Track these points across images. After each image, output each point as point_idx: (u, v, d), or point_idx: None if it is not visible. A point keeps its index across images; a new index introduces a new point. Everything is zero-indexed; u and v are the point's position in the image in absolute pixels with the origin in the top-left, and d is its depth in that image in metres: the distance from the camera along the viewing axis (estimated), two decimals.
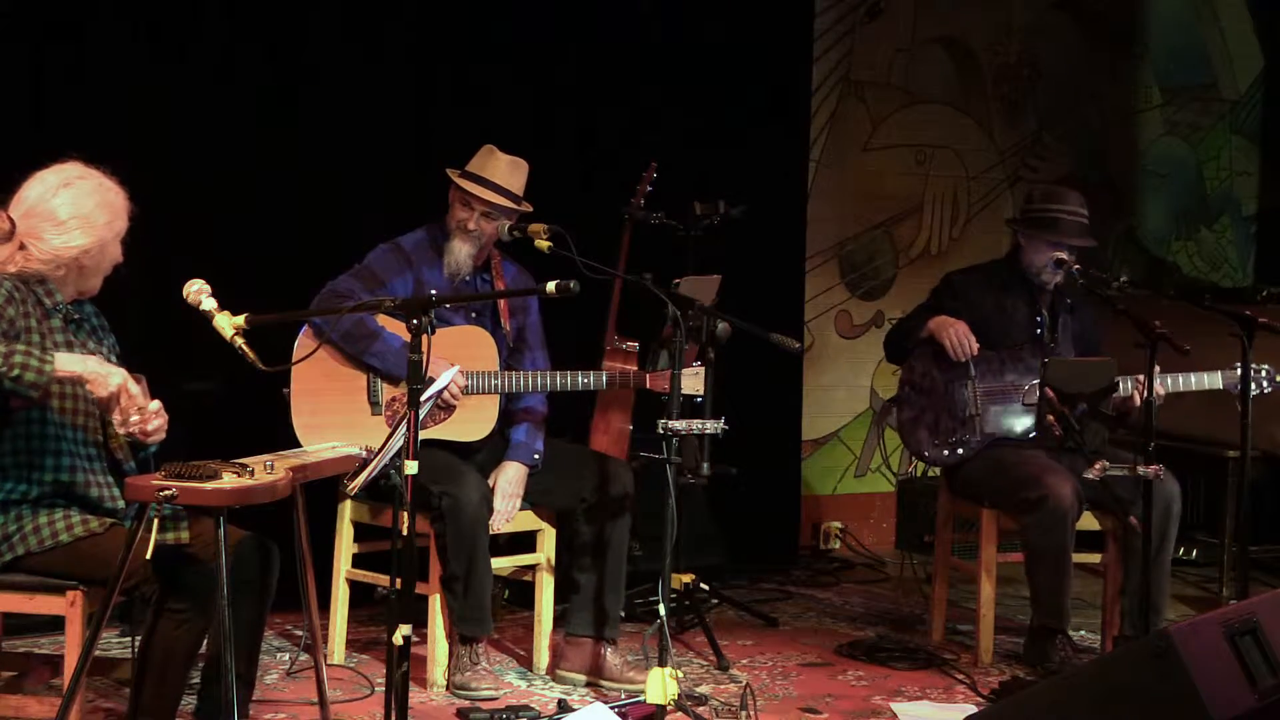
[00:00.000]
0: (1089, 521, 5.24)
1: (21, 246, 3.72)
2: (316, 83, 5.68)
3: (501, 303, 4.93)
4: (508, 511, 4.82)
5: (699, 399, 4.80)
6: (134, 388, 3.57)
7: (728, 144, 6.56)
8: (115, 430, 3.70)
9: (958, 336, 5.21)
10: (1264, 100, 8.33)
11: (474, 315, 4.90)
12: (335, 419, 4.65)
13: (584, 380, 4.83)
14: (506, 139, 4.92)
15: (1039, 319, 5.35)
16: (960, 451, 5.24)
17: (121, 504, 3.75)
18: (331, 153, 5.64)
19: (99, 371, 3.55)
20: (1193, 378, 5.13)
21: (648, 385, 4.87)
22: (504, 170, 4.82)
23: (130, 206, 3.83)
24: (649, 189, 5.63)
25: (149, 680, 3.70)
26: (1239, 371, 4.85)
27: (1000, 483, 5.16)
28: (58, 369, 3.49)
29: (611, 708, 4.20)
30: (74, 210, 3.71)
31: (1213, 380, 5.15)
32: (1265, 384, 5.09)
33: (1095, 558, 5.40)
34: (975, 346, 5.21)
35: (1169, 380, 5.07)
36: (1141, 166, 8.16)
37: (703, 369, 4.75)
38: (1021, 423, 5.23)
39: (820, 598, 6.27)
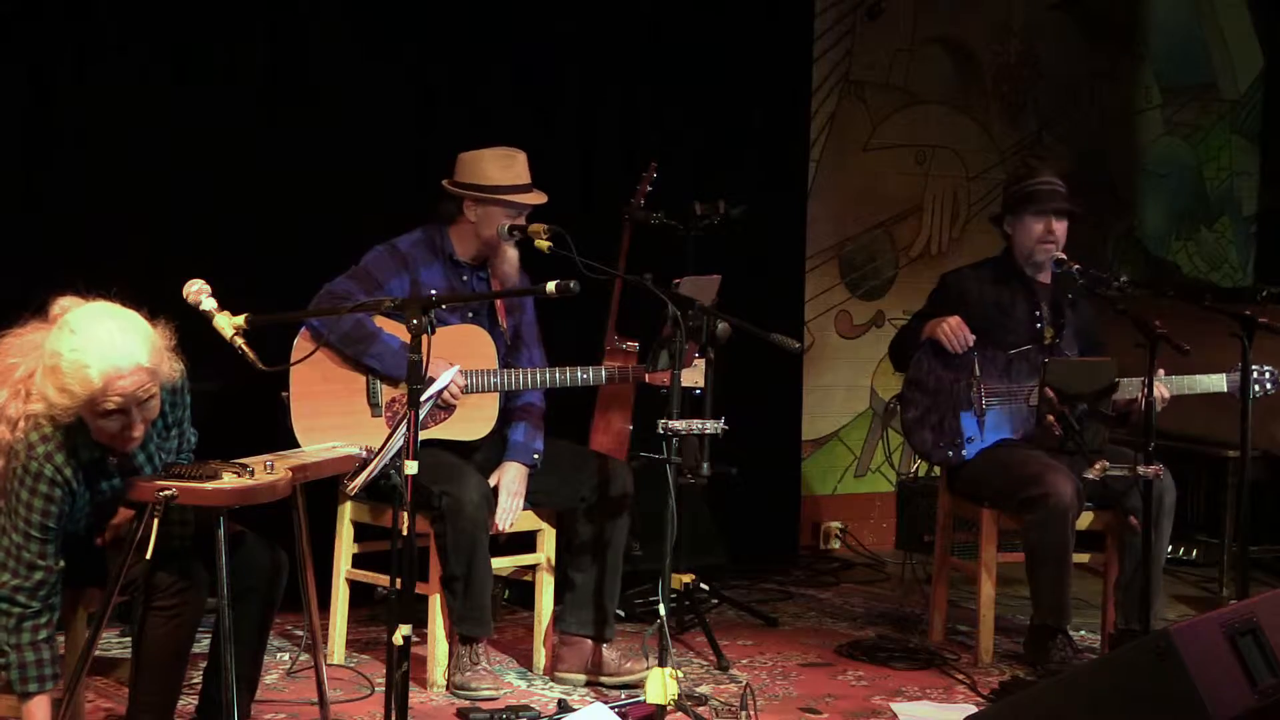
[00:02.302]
0: (1089, 521, 5.24)
1: (28, 396, 3.48)
2: (316, 83, 5.68)
3: (498, 300, 4.94)
4: (512, 511, 4.82)
5: (698, 391, 4.80)
6: None
7: (728, 144, 6.57)
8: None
9: (951, 330, 5.21)
10: (1264, 100, 8.32)
11: (471, 314, 4.90)
12: (335, 421, 4.64)
13: (583, 376, 4.84)
14: (506, 139, 4.92)
15: (1038, 314, 5.35)
16: (965, 452, 5.25)
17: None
18: (331, 153, 5.64)
19: None
20: (1198, 381, 5.13)
21: (646, 380, 4.87)
22: (525, 165, 4.85)
23: (107, 392, 3.41)
24: (649, 189, 5.63)
25: (144, 679, 3.70)
26: (1250, 374, 4.88)
27: (1001, 482, 5.16)
28: (28, 706, 3.51)
29: (611, 708, 4.20)
30: (53, 367, 3.41)
31: (1217, 384, 5.15)
32: (1269, 384, 5.09)
33: (1099, 558, 5.39)
34: (970, 337, 5.21)
35: (1172, 383, 5.06)
36: (1141, 166, 8.16)
37: (703, 361, 4.75)
38: (1026, 424, 5.23)
39: (820, 598, 6.27)
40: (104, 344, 3.41)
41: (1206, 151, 8.29)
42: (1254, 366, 4.89)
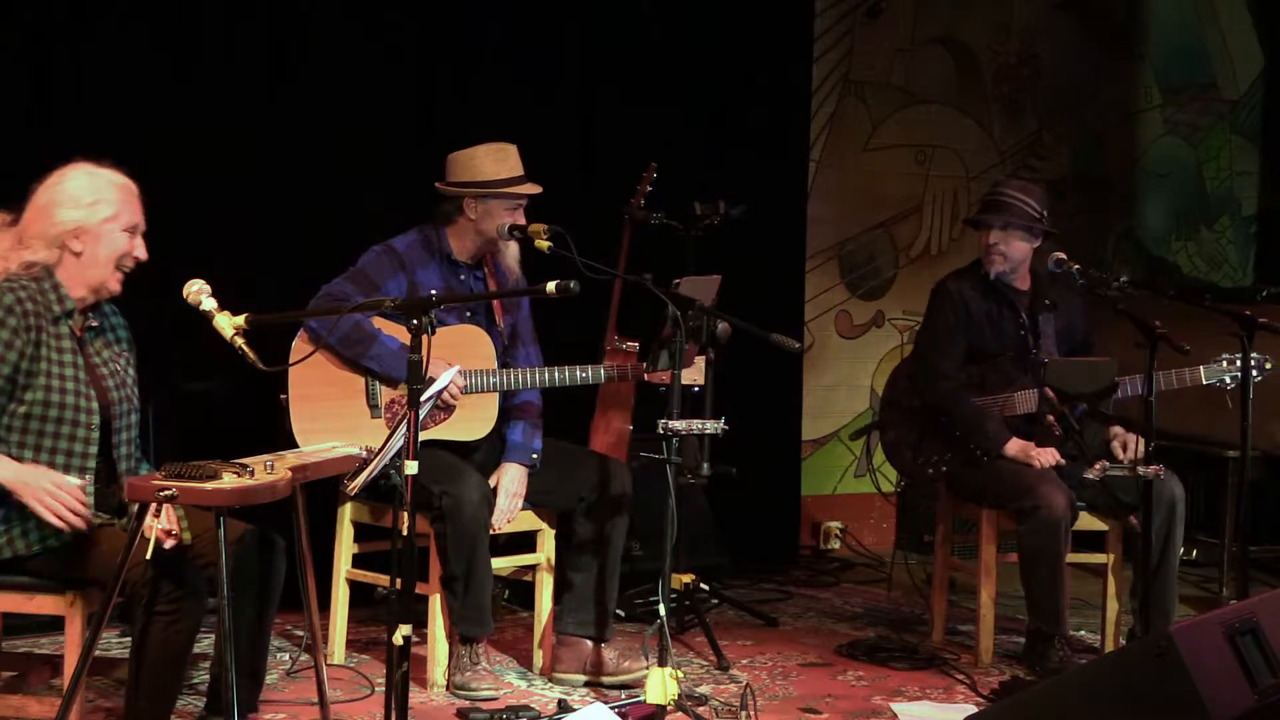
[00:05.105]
0: (1092, 522, 5.24)
1: (21, 242, 3.77)
2: (316, 83, 5.68)
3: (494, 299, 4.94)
4: (510, 511, 4.82)
5: (697, 388, 4.79)
6: (70, 482, 3.66)
7: (728, 144, 6.56)
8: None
9: (1046, 459, 5.13)
10: (1264, 100, 8.32)
11: (469, 314, 4.90)
12: (334, 424, 4.63)
13: (582, 375, 4.84)
14: (506, 139, 4.92)
15: (1022, 322, 5.32)
16: (945, 469, 5.26)
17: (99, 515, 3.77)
18: (331, 153, 5.64)
19: (26, 483, 3.63)
20: (1174, 375, 5.09)
21: (646, 378, 4.87)
22: (518, 158, 4.86)
23: (132, 201, 3.88)
24: (649, 189, 5.64)
25: (144, 682, 3.69)
26: (1223, 363, 4.90)
27: (995, 490, 5.16)
28: None
29: (611, 708, 4.20)
30: (61, 194, 3.80)
31: (1194, 376, 5.11)
32: (1255, 373, 5.06)
33: (1100, 558, 5.38)
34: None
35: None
36: (1141, 166, 8.16)
37: (702, 359, 4.74)
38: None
39: (820, 598, 6.27)
40: (104, 172, 3.86)
41: (1206, 151, 8.29)
42: (1228, 355, 4.89)
